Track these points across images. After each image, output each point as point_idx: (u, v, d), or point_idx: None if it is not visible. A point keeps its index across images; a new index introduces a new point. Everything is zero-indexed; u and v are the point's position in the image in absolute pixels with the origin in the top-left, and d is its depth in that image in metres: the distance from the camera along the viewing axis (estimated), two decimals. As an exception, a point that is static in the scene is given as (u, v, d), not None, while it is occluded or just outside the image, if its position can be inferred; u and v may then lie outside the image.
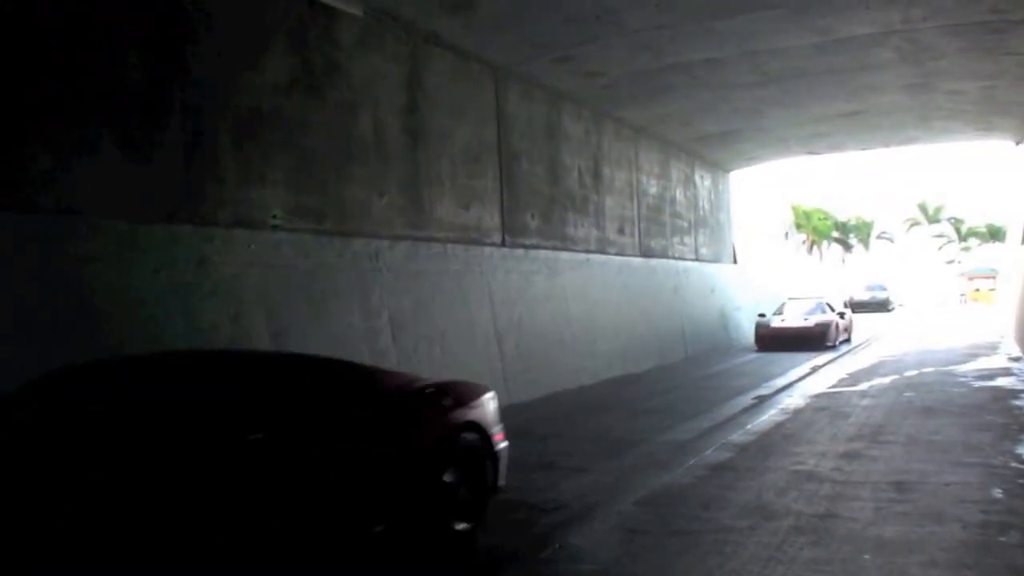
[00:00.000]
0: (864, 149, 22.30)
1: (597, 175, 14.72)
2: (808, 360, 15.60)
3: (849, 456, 6.98)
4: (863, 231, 57.59)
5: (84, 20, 6.29)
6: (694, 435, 8.26)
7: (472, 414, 4.98)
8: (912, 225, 58.54)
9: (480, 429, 5.02)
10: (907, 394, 10.66)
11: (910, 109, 16.55)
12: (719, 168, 21.59)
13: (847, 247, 56.72)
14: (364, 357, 8.66)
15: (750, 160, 21.79)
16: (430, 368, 9.69)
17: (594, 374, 13.22)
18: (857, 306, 29.49)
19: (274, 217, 7.90)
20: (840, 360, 15.85)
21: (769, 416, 9.32)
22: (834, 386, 11.84)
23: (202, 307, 7.04)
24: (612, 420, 9.62)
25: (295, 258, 8.06)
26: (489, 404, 5.25)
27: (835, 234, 55.30)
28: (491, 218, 11.53)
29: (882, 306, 32.83)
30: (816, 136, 19.05)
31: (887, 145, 21.44)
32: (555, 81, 12.63)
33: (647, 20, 10.51)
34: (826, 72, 13.47)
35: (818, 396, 10.85)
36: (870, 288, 34.94)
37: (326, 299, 8.36)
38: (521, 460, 7.52)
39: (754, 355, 17.26)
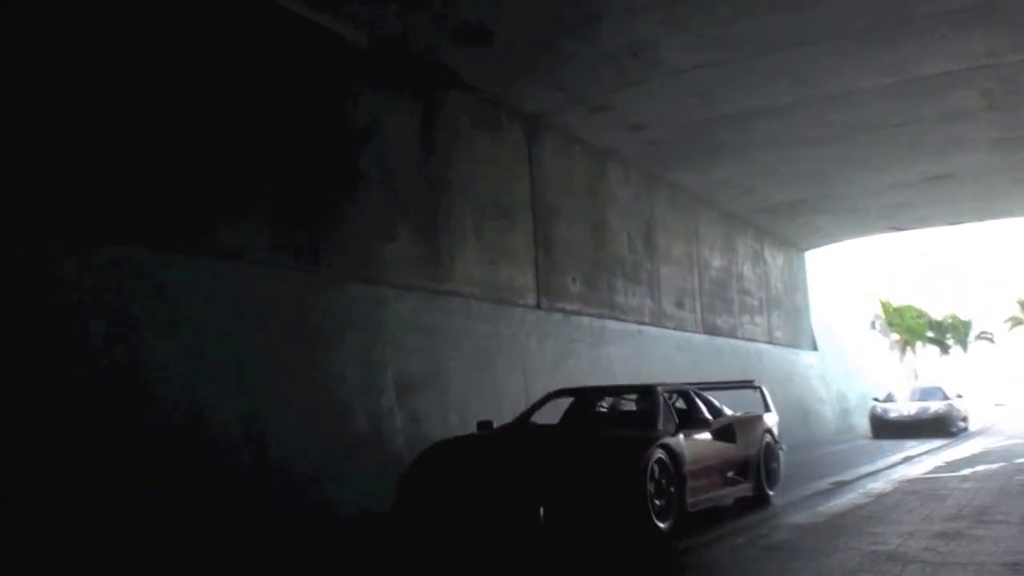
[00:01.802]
0: (954, 223, 20.33)
1: (650, 242, 13.55)
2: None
3: (946, 536, 5.40)
4: (961, 331, 53.81)
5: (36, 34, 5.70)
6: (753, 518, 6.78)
7: None
8: (1015, 324, 54.49)
9: None
10: (1018, 478, 8.90)
11: (1002, 171, 14.92)
12: (792, 246, 20.09)
13: (944, 348, 52.92)
14: (358, 416, 7.58)
15: (826, 237, 20.15)
16: (445, 434, 8.48)
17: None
18: (892, 427, 17.71)
19: (253, 250, 7.00)
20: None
21: (848, 499, 7.75)
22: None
23: (155, 342, 6.10)
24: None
25: (277, 297, 7.10)
26: None
27: (930, 334, 51.79)
28: (524, 277, 10.45)
29: (938, 425, 17.51)
30: (897, 207, 17.37)
31: (980, 218, 19.51)
32: (595, 135, 11.66)
33: (689, 57, 9.51)
34: (902, 124, 12.13)
35: (910, 481, 9.14)
36: (922, 395, 19.30)
37: (313, 348, 7.34)
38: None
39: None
